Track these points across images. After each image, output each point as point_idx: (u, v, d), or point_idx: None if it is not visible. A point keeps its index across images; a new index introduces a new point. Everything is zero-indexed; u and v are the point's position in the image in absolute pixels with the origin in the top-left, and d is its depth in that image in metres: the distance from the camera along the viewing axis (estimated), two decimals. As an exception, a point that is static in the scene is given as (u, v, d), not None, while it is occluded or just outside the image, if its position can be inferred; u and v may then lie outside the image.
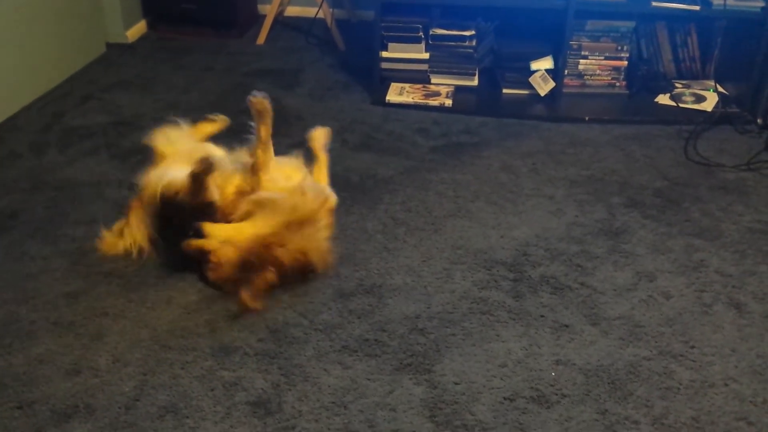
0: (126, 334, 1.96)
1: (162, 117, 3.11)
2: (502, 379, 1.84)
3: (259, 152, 2.20)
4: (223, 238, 2.05)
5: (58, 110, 3.17)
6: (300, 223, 2.12)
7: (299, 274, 2.12)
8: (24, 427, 1.68)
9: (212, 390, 1.79)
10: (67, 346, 1.91)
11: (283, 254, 2.06)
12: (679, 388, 1.82)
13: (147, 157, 2.57)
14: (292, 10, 4.29)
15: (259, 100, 2.22)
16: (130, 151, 2.84)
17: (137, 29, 3.96)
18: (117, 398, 1.76)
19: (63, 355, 1.88)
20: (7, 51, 3.02)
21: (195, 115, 3.12)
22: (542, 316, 2.04)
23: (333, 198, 2.35)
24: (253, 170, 2.19)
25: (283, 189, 2.19)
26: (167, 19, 4.01)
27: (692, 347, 1.95)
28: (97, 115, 3.13)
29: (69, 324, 1.99)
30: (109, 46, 3.78)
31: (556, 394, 1.79)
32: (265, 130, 2.23)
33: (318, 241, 2.16)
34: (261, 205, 2.12)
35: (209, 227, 2.06)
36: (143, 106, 3.24)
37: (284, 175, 2.26)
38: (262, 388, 1.80)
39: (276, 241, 2.06)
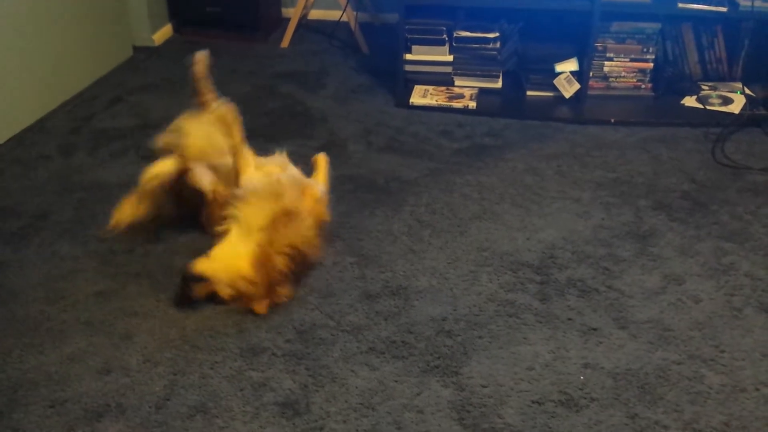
0: (155, 333, 1.98)
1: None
2: (530, 382, 1.83)
3: (236, 158, 2.20)
4: (224, 271, 2.02)
5: (86, 113, 3.21)
6: (285, 215, 2.08)
7: (302, 270, 2.13)
8: (57, 426, 1.71)
9: (241, 390, 1.80)
10: (98, 345, 1.94)
11: (283, 261, 2.04)
12: (709, 393, 1.80)
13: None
14: (315, 14, 4.31)
15: (224, 112, 2.25)
16: (158, 153, 2.86)
17: (163, 33, 4.01)
18: (147, 398, 1.78)
19: (94, 355, 1.91)
20: (37, 54, 3.07)
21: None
22: (570, 319, 2.03)
23: (317, 186, 2.33)
24: (234, 175, 2.20)
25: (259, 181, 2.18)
26: (193, 23, 4.06)
27: (722, 351, 1.92)
28: (125, 118, 3.17)
29: (99, 323, 2.01)
30: (135, 49, 3.83)
31: (585, 398, 1.78)
32: (235, 136, 2.22)
33: (306, 231, 2.13)
34: (243, 201, 2.10)
35: (204, 266, 2.03)
36: (170, 108, 3.25)
37: (266, 173, 2.24)
38: (290, 389, 1.81)
39: (270, 247, 2.03)
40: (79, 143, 2.96)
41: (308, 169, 2.60)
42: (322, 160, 2.53)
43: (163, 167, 2.22)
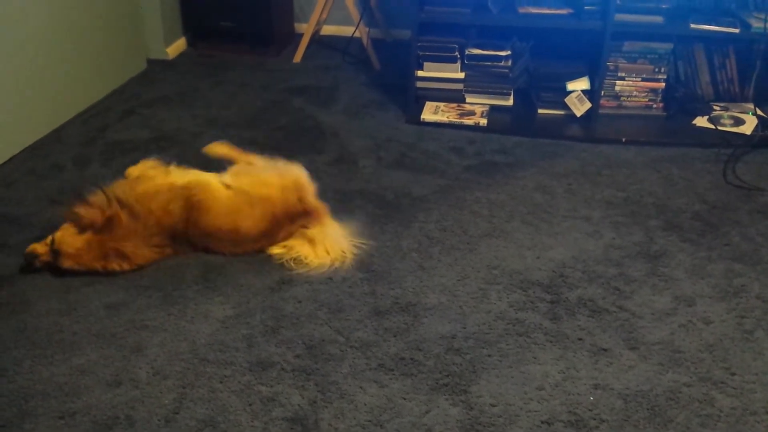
0: (165, 346, 1.99)
1: (201, 132, 3.19)
2: (539, 402, 1.82)
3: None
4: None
5: (100, 124, 3.24)
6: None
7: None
8: (66, 437, 1.71)
9: (250, 405, 1.81)
10: (108, 357, 1.95)
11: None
12: (720, 416, 1.79)
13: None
14: (328, 29, 4.35)
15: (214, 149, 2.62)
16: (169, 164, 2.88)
17: (177, 46, 4.05)
18: (157, 411, 1.78)
19: (104, 367, 1.92)
20: (53, 66, 3.11)
21: (233, 131, 3.19)
22: (580, 339, 2.03)
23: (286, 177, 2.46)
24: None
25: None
26: (206, 37, 4.10)
27: (733, 374, 1.91)
28: (139, 130, 3.20)
29: (110, 336, 2.02)
30: (150, 62, 3.87)
31: (595, 419, 1.78)
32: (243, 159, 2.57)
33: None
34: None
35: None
36: (183, 121, 3.30)
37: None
38: (299, 405, 1.81)
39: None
40: (93, 155, 2.99)
41: (321, 185, 2.63)
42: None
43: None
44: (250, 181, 2.44)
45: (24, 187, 2.74)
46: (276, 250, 2.36)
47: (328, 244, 2.36)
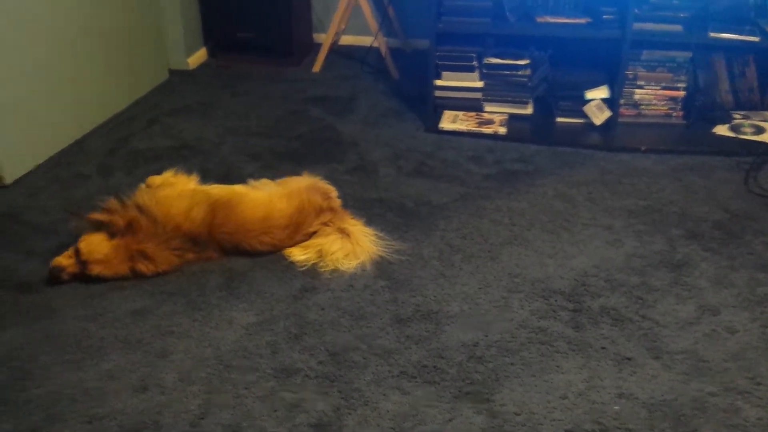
0: (191, 352, 2.01)
1: (222, 141, 3.22)
2: (563, 411, 1.82)
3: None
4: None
5: (123, 134, 3.28)
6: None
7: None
8: (94, 442, 1.73)
9: (275, 411, 1.82)
10: (135, 363, 1.97)
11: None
12: (746, 426, 1.78)
13: (208, 179, 2.66)
14: (346, 39, 4.38)
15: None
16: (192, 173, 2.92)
17: (198, 56, 4.10)
18: (183, 416, 1.80)
19: (131, 372, 1.94)
20: (78, 77, 3.16)
21: (253, 141, 3.23)
22: (603, 348, 2.02)
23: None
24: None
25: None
26: (227, 47, 4.14)
27: (758, 384, 1.90)
28: (161, 139, 3.24)
29: (136, 341, 2.04)
30: (171, 72, 3.92)
31: (619, 428, 1.77)
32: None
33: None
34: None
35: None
36: (204, 130, 3.33)
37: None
38: (323, 411, 1.82)
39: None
40: (117, 164, 3.03)
41: (341, 194, 2.65)
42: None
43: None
44: (275, 184, 2.55)
45: (49, 196, 2.78)
46: (300, 256, 2.38)
47: (357, 240, 2.39)
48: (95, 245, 2.25)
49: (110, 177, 2.93)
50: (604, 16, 3.14)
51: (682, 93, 3.31)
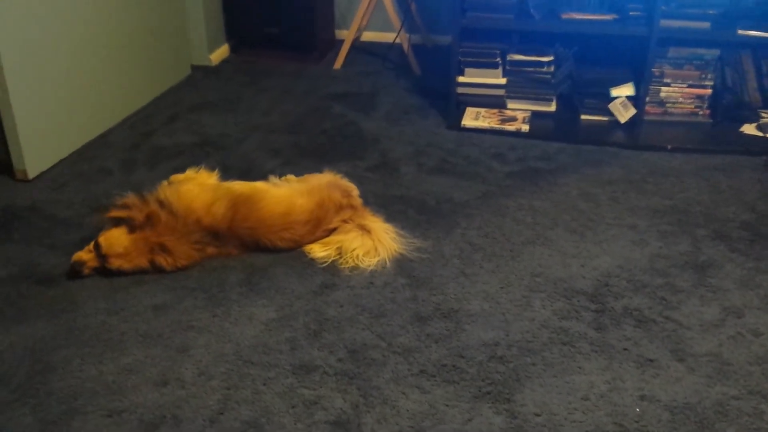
0: (210, 347, 2.01)
1: (244, 137, 3.23)
2: (584, 412, 1.80)
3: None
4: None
5: (146, 129, 3.30)
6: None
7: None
8: (114, 435, 1.74)
9: (293, 407, 1.82)
10: (155, 357, 1.98)
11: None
12: (771, 431, 1.75)
13: (230, 175, 2.67)
14: (368, 36, 4.37)
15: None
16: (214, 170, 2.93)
17: (220, 53, 4.11)
18: (202, 411, 1.81)
19: (151, 366, 1.95)
20: (101, 72, 3.18)
21: (275, 137, 3.23)
22: (626, 349, 1.99)
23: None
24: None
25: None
26: (249, 43, 4.15)
27: (785, 388, 1.87)
28: (184, 135, 3.26)
29: (157, 336, 2.05)
30: (194, 68, 3.93)
31: (641, 431, 1.75)
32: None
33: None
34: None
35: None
36: (226, 126, 3.34)
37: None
38: (341, 408, 1.82)
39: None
40: (139, 158, 3.05)
41: (363, 191, 2.64)
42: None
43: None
44: (296, 180, 2.58)
45: (72, 190, 2.81)
46: (320, 253, 2.38)
47: (377, 237, 2.39)
48: (115, 239, 2.26)
49: (132, 172, 2.95)
50: (631, 13, 3.10)
51: (709, 91, 3.25)
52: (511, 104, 3.40)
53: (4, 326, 2.09)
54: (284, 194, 2.44)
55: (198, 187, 2.43)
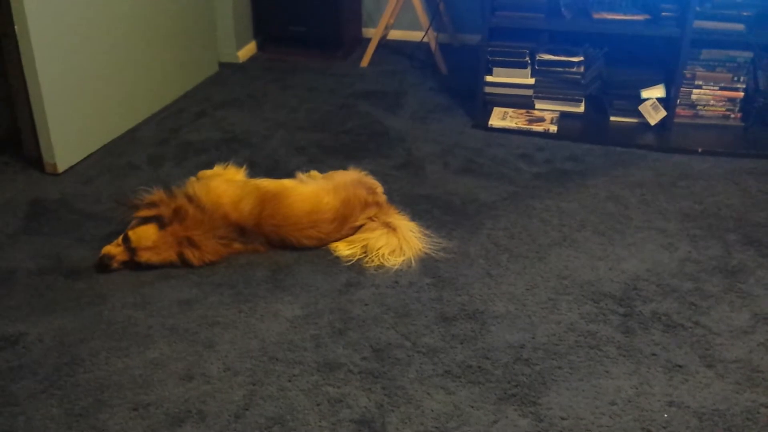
0: (236, 343, 2.02)
1: (271, 134, 3.24)
2: (611, 417, 1.78)
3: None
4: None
5: (174, 125, 3.33)
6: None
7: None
8: (139, 429, 1.76)
9: (318, 405, 1.82)
10: (181, 352, 1.99)
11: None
12: (804, 441, 1.71)
13: (256, 172, 2.68)
14: (394, 34, 4.36)
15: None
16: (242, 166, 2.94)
17: (247, 50, 4.13)
18: (227, 406, 1.81)
19: (177, 361, 1.96)
20: (130, 68, 3.21)
21: (301, 134, 3.24)
22: (654, 354, 1.97)
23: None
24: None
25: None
26: (276, 41, 4.17)
27: (818, 398, 1.83)
28: (211, 131, 3.27)
29: (183, 330, 2.07)
30: (221, 65, 3.96)
31: (669, 437, 1.72)
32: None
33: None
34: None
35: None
36: (253, 123, 3.36)
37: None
38: (366, 407, 1.81)
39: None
40: (167, 154, 3.07)
41: (388, 190, 2.64)
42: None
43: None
44: (321, 177, 2.58)
45: (101, 185, 2.84)
46: (345, 251, 2.38)
47: (403, 236, 2.39)
48: (144, 232, 2.28)
49: (160, 167, 2.97)
50: (663, 14, 3.06)
51: (741, 94, 3.20)
52: (539, 104, 3.37)
53: (33, 318, 2.12)
54: (311, 192, 2.44)
55: (226, 183, 2.44)
